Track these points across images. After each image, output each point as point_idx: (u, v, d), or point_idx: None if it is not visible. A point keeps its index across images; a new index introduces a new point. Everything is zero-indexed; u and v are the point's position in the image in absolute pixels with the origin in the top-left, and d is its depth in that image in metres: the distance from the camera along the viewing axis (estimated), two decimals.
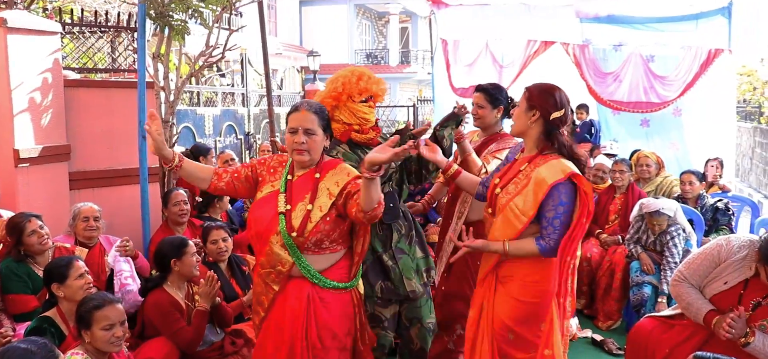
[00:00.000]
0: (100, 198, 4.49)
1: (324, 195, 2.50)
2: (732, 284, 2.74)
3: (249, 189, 2.69)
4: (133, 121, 4.46)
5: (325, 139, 2.57)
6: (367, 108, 2.95)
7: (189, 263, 3.36)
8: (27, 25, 4.33)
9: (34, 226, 3.45)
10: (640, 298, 4.29)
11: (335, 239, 2.53)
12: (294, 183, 2.56)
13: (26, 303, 3.36)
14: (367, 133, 2.98)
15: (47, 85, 4.48)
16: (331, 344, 2.54)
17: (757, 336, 2.60)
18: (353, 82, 2.91)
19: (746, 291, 2.69)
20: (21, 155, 4.24)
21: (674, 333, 2.89)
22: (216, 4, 4.57)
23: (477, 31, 7.77)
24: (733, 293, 2.73)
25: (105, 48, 5.71)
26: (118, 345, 2.65)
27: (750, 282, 2.70)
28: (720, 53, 6.81)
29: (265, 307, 2.60)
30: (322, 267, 2.53)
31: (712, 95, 6.98)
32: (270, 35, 19.97)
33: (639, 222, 4.53)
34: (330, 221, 2.48)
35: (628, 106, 7.16)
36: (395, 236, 3.00)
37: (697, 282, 2.85)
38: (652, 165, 5.42)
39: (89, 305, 2.64)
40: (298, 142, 2.48)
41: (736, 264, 2.75)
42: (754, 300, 2.67)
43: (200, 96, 8.48)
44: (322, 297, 2.53)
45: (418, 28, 27.75)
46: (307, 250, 2.50)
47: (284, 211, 2.49)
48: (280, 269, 2.52)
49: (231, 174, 2.69)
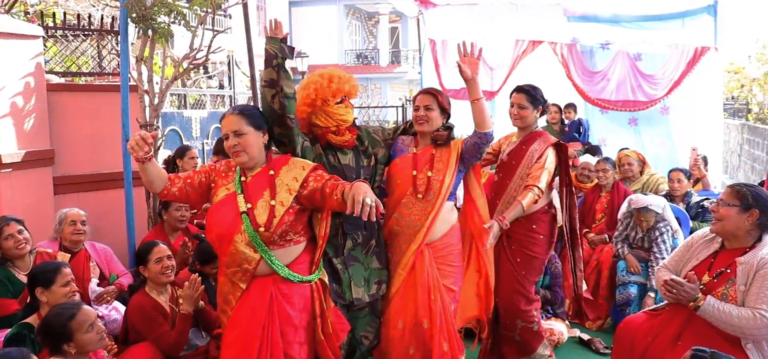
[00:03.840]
0: (84, 202, 4.44)
1: (283, 190, 2.60)
2: (702, 258, 2.91)
3: (201, 196, 2.71)
4: (117, 125, 4.42)
5: (261, 135, 2.67)
6: (343, 109, 2.94)
7: (154, 270, 3.32)
8: (8, 29, 4.29)
9: (12, 230, 3.43)
10: (626, 298, 4.30)
11: (299, 231, 2.65)
12: (249, 183, 2.64)
13: (7, 306, 3.34)
14: (343, 135, 2.97)
15: (30, 89, 4.44)
16: (293, 338, 2.64)
17: (707, 300, 2.71)
18: (325, 85, 2.89)
19: (715, 261, 2.85)
20: (3, 160, 4.20)
21: (656, 322, 2.96)
22: (200, 6, 4.54)
23: (465, 31, 7.75)
24: (703, 265, 2.89)
25: (89, 51, 5.66)
26: (104, 341, 2.71)
27: (719, 254, 2.87)
28: (706, 51, 6.83)
29: (232, 306, 2.65)
30: (287, 261, 2.63)
31: (699, 93, 7.00)
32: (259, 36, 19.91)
33: (628, 218, 4.54)
34: (293, 213, 2.60)
35: (615, 105, 7.18)
36: (349, 243, 2.97)
37: (674, 268, 3.02)
38: (634, 163, 5.42)
39: (62, 319, 2.58)
40: (230, 147, 2.61)
41: (705, 242, 2.96)
42: (719, 269, 2.81)
43: (187, 98, 8.43)
44: (284, 293, 2.62)
45: (408, 28, 27.70)
46: (274, 244, 2.59)
47: (246, 210, 2.57)
48: (247, 267, 2.60)
49: (183, 180, 2.68)
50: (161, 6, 4.24)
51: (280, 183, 2.62)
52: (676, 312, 2.88)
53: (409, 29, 27.47)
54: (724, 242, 2.88)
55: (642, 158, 5.55)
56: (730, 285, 2.75)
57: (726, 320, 2.65)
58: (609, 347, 3.99)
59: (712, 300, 2.72)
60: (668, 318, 2.90)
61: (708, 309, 2.70)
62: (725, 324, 2.66)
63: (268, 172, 2.64)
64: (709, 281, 2.81)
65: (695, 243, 3.01)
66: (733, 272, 2.74)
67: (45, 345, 2.62)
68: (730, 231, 2.81)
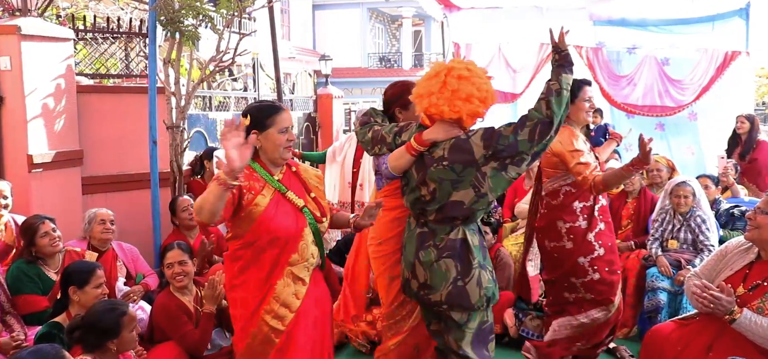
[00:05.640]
0: (111, 202, 4.51)
1: (312, 184, 2.70)
2: (737, 268, 2.84)
3: (230, 211, 2.50)
4: (144, 126, 4.49)
5: None
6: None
7: (167, 274, 3.42)
8: (40, 32, 4.38)
9: (47, 228, 3.50)
10: (655, 304, 4.21)
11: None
12: (283, 181, 2.61)
13: (37, 303, 3.41)
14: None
15: (60, 90, 4.53)
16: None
17: (744, 313, 2.63)
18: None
19: (751, 272, 2.78)
20: (34, 160, 4.29)
21: (686, 331, 2.89)
22: (227, 10, 4.59)
23: (489, 35, 7.72)
24: (738, 276, 2.81)
25: (118, 53, 5.76)
26: (136, 341, 2.81)
27: (755, 265, 2.79)
28: (737, 55, 6.69)
29: (296, 305, 2.56)
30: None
31: (728, 98, 6.85)
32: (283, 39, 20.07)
33: (663, 214, 4.47)
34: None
35: (642, 110, 7.07)
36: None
37: (707, 277, 2.94)
38: (663, 169, 5.32)
39: (115, 315, 2.63)
40: (292, 140, 2.60)
41: (740, 252, 2.88)
42: (755, 281, 2.74)
43: (212, 100, 8.51)
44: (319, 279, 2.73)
45: (431, 31, 27.69)
46: (322, 235, 2.69)
47: (305, 205, 2.59)
48: (312, 261, 2.62)
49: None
50: (189, 9, 4.31)
51: (306, 179, 2.69)
52: (707, 322, 2.81)
53: (432, 32, 27.46)
54: (761, 252, 2.80)
55: (672, 165, 5.45)
56: (766, 298, 2.66)
57: (764, 334, 2.57)
58: (635, 355, 3.92)
59: (748, 314, 2.63)
60: (699, 328, 2.83)
61: (744, 323, 2.62)
62: (762, 339, 2.59)
63: (291, 169, 2.67)
64: (744, 293, 2.73)
65: (730, 252, 2.93)
66: None
67: (83, 341, 2.59)
68: (766, 240, 2.74)
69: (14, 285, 3.41)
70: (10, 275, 3.45)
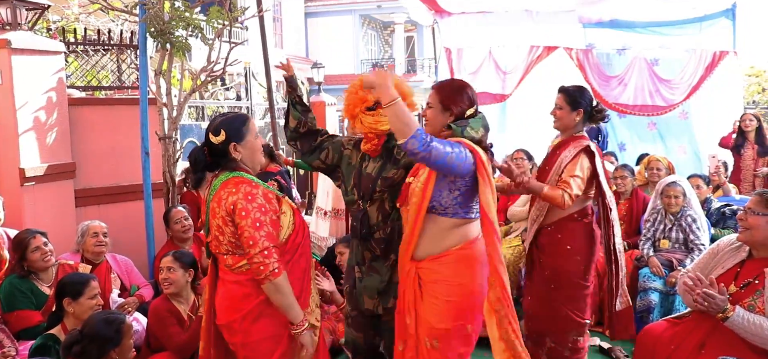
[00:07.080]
0: (105, 214, 4.51)
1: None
2: (728, 267, 2.86)
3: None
4: (136, 138, 4.49)
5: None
6: (371, 116, 2.87)
7: (160, 279, 3.45)
8: (31, 45, 4.38)
9: (38, 243, 3.48)
10: (647, 304, 4.24)
11: None
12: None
13: (30, 318, 3.39)
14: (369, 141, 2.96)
15: (52, 103, 4.52)
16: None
17: (737, 311, 2.64)
18: (353, 92, 2.92)
19: (742, 271, 2.79)
20: (26, 174, 4.28)
21: (678, 330, 2.91)
22: (218, 20, 4.60)
23: (480, 39, 7.76)
24: (729, 274, 2.83)
25: (109, 65, 5.76)
26: (132, 351, 2.79)
27: (746, 263, 2.81)
28: (725, 55, 6.76)
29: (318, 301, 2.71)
30: None
31: (718, 97, 6.93)
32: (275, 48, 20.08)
33: (654, 214, 4.50)
34: None
35: (633, 109, 7.12)
36: (367, 254, 2.95)
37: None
38: (663, 169, 5.34)
39: (116, 324, 2.64)
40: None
41: (731, 250, 2.90)
42: (746, 279, 2.75)
43: (204, 110, 8.52)
44: None
45: (423, 36, 27.72)
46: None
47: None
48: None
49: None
50: (179, 20, 4.31)
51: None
52: (699, 320, 2.82)
53: (424, 38, 27.50)
54: (752, 251, 2.81)
55: (671, 165, 5.46)
56: (757, 296, 2.68)
57: (756, 332, 2.59)
58: (629, 355, 3.94)
59: (741, 311, 2.64)
60: (691, 326, 2.84)
61: (737, 321, 2.63)
62: (754, 337, 2.60)
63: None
64: (736, 291, 2.74)
65: (721, 251, 2.94)
66: (762, 283, 2.67)
67: (83, 355, 2.55)
68: (759, 241, 2.74)
69: (7, 300, 3.39)
70: (3, 290, 3.43)
